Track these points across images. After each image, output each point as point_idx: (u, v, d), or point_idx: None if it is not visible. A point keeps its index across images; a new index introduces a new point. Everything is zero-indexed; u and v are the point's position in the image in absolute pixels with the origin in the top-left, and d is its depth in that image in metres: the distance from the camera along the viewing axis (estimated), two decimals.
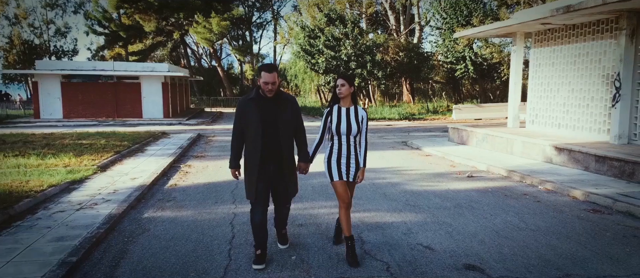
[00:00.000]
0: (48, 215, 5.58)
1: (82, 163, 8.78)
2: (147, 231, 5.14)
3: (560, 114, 11.22)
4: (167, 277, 3.86)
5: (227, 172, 8.79)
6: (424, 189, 7.32)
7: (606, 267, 4.07)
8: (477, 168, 9.25)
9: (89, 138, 13.21)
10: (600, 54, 9.91)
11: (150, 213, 5.92)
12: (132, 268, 4.07)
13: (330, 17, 26.76)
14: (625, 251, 4.50)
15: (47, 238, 4.75)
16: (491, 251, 4.46)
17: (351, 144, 4.20)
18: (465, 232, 5.07)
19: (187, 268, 4.06)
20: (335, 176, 4.17)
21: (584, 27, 10.37)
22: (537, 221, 5.52)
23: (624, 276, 3.89)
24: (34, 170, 8.01)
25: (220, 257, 4.33)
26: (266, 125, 3.93)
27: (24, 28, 55.65)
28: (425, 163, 9.95)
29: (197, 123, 22.70)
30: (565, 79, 11.02)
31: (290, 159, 4.15)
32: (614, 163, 7.70)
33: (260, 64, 3.73)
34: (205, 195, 6.93)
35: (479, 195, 6.89)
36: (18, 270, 3.92)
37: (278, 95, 3.98)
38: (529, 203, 6.44)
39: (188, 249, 4.54)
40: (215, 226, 5.30)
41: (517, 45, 12.37)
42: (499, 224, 5.37)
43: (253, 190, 4.03)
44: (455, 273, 3.91)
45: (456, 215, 5.76)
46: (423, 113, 26.57)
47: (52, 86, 23.19)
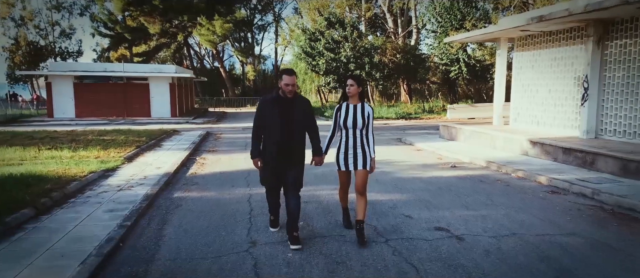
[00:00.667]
0: (95, 194, 6.71)
1: (110, 155, 9.91)
2: (180, 206, 6.27)
3: (539, 112, 12.36)
4: (203, 235, 4.99)
5: (239, 163, 9.97)
6: (411, 176, 8.45)
7: (546, 229, 5.20)
8: (461, 160, 10.37)
9: (108, 134, 14.34)
10: (573, 58, 11.04)
11: (179, 194, 7.05)
12: (174, 230, 5.20)
13: (331, 20, 27.89)
14: (566, 219, 5.63)
15: (102, 210, 5.88)
16: (457, 218, 5.59)
17: (358, 137, 4.71)
18: (440, 206, 6.20)
19: (218, 229, 5.19)
20: (342, 166, 4.81)
21: (558, 34, 11.50)
22: (502, 200, 6.64)
23: (557, 234, 5.02)
24: (69, 160, 9.14)
25: (243, 222, 5.46)
26: (283, 122, 4.49)
27: (29, 29, 56.67)
28: (416, 157, 11.08)
29: (204, 122, 23.81)
30: (543, 80, 12.15)
31: (301, 153, 4.70)
32: (577, 154, 8.83)
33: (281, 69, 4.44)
34: (223, 181, 8.05)
35: (458, 181, 8.02)
36: (87, 230, 5.04)
37: (295, 96, 4.59)
38: (499, 186, 7.57)
39: (216, 217, 5.66)
40: (235, 202, 6.43)
41: (501, 50, 13.50)
42: (469, 201, 6.50)
43: (267, 178, 4.72)
44: (427, 233, 5.04)
45: (435, 195, 6.89)
46: (419, 112, 27.66)
47: (65, 87, 24.32)
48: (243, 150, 12.10)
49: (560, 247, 4.61)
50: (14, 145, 11.15)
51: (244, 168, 9.22)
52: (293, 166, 4.65)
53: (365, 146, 4.74)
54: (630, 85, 9.60)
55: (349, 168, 4.79)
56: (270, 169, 4.67)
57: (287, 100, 4.54)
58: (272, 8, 50.85)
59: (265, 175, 4.76)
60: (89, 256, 4.22)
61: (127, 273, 3.98)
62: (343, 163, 4.78)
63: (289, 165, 4.63)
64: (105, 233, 4.89)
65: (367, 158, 4.73)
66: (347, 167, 4.78)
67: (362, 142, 4.74)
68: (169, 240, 4.86)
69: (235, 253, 4.43)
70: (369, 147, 4.74)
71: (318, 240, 4.82)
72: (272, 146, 4.57)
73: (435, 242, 4.72)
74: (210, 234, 5.02)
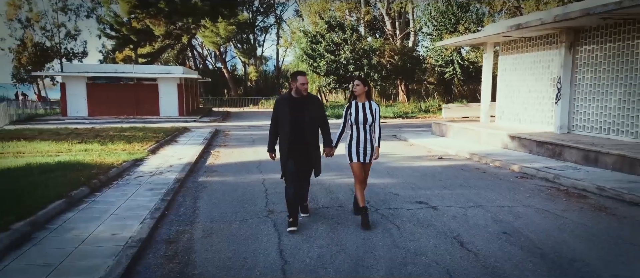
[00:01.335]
0: (133, 178, 7.94)
1: (135, 149, 11.13)
2: (206, 187, 7.49)
3: (520, 110, 13.58)
4: (230, 206, 6.22)
5: (249, 155, 11.20)
6: (402, 166, 9.68)
7: (506, 202, 6.42)
8: (448, 153, 11.60)
9: (127, 131, 15.57)
10: (549, 61, 12.27)
11: (203, 178, 8.27)
12: (205, 203, 6.42)
13: (331, 24, 29.12)
14: (525, 196, 6.86)
15: (143, 189, 7.11)
16: (436, 195, 6.82)
17: (367, 132, 5.17)
18: (423, 187, 7.42)
19: (242, 203, 6.41)
20: (353, 158, 5.21)
21: (537, 39, 12.73)
22: (477, 183, 7.87)
23: (514, 206, 6.24)
24: (101, 152, 10.36)
25: (260, 198, 6.68)
26: (295, 119, 4.99)
27: (36, 31, 57.81)
28: (408, 150, 12.31)
29: (210, 121, 25.03)
30: (524, 81, 13.38)
31: (315, 146, 5.18)
32: (548, 147, 10.06)
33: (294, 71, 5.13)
34: (239, 169, 9.28)
35: (443, 169, 9.25)
36: (136, 203, 6.27)
37: (307, 95, 5.15)
38: (477, 173, 8.80)
39: (238, 195, 6.89)
40: (252, 184, 7.66)
41: (487, 53, 14.72)
42: (448, 184, 7.73)
43: (286, 171, 5.15)
44: (409, 205, 6.26)
45: (421, 180, 8.12)
46: (416, 112, 28.88)
47: (78, 87, 25.55)
48: (251, 145, 13.34)
49: (514, 214, 5.83)
50: (46, 140, 12.38)
51: (255, 159, 10.45)
52: (306, 160, 5.15)
53: (374, 141, 5.24)
54: (597, 86, 10.83)
55: (360, 160, 5.23)
56: (285, 163, 5.12)
57: (301, 99, 5.10)
58: (274, 10, 52.16)
59: (283, 170, 5.19)
60: (145, 219, 5.44)
61: (177, 230, 5.20)
62: (355, 155, 5.20)
63: (302, 160, 5.11)
64: (152, 204, 6.12)
65: (372, 151, 5.27)
66: (358, 159, 5.21)
67: (371, 138, 5.21)
68: (203, 209, 6.08)
69: (258, 218, 5.66)
70: (375, 140, 5.22)
71: (322, 210, 6.04)
72: (286, 142, 5.06)
73: (415, 211, 5.95)
74: (236, 206, 6.25)
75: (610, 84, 10.46)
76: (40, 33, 57.24)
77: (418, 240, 4.77)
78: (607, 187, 7.04)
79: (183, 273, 3.97)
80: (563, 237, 4.92)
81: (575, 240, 4.83)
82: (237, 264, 4.15)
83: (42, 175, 7.24)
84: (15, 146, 11.15)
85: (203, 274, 3.93)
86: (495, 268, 4.05)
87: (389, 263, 4.17)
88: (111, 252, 4.32)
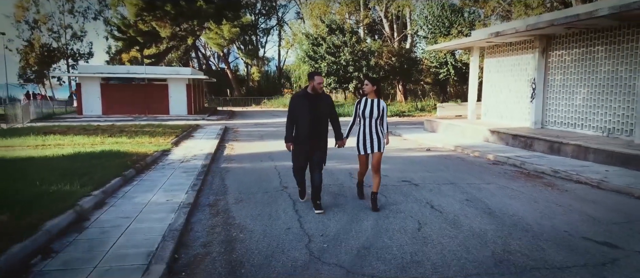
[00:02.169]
0: (166, 164, 9.45)
1: (159, 142, 12.63)
2: (229, 171, 9.01)
3: (502, 108, 15.09)
4: (252, 183, 7.72)
5: (260, 147, 12.70)
6: (394, 156, 11.19)
7: (474, 181, 7.93)
8: (435, 146, 13.11)
9: (147, 127, 17.08)
10: (526, 64, 13.78)
11: (224, 165, 9.79)
12: (231, 181, 7.93)
13: (331, 27, 30.65)
14: (492, 177, 8.37)
15: (178, 171, 8.61)
16: (418, 176, 8.33)
17: (373, 125, 5.82)
18: (409, 171, 8.94)
19: (260, 181, 7.92)
20: (361, 151, 5.94)
21: (516, 44, 14.24)
22: (455, 168, 9.38)
23: (480, 183, 7.74)
24: (130, 144, 11.85)
25: (274, 178, 8.19)
26: (311, 113, 5.60)
27: (43, 32, 59.21)
28: (401, 144, 13.82)
29: (218, 119, 26.53)
30: (505, 82, 14.89)
31: (326, 138, 5.85)
32: (521, 139, 11.57)
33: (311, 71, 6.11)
34: (253, 158, 10.79)
35: (428, 158, 10.76)
36: (176, 180, 7.77)
37: (320, 93, 5.78)
38: (457, 161, 10.31)
39: (256, 176, 8.40)
40: (267, 169, 9.16)
41: (473, 57, 16.23)
42: (431, 168, 9.24)
43: (297, 160, 5.88)
44: (396, 182, 7.77)
45: (408, 165, 9.63)
46: (412, 111, 30.40)
47: (93, 87, 27.07)
48: (260, 140, 14.85)
49: (478, 188, 7.34)
50: (78, 135, 13.88)
51: (266, 151, 11.96)
52: (318, 150, 5.76)
53: (380, 133, 5.84)
54: (565, 86, 12.34)
55: (366, 152, 5.92)
56: (300, 151, 5.76)
57: (315, 96, 5.71)
58: (276, 12, 53.72)
59: (296, 157, 5.86)
60: (187, 191, 6.94)
61: (214, 198, 6.71)
62: (362, 147, 5.91)
63: (314, 150, 5.75)
64: (189, 182, 7.62)
65: (381, 143, 5.87)
66: (365, 151, 5.91)
67: (377, 130, 5.84)
68: (230, 186, 7.60)
69: (275, 191, 7.17)
70: (383, 132, 5.91)
71: (325, 186, 7.51)
72: (303, 134, 5.65)
73: (400, 186, 7.46)
74: (256, 183, 7.76)
75: (576, 85, 11.98)
76: (47, 34, 58.74)
77: (399, 204, 6.28)
78: (560, 169, 8.56)
79: (226, 222, 5.48)
80: (511, 202, 6.44)
81: (519, 204, 6.34)
82: (265, 217, 5.66)
83: (93, 160, 8.76)
84: (54, 139, 12.65)
85: (241, 223, 5.44)
86: (453, 220, 5.56)
87: (376, 216, 5.68)
88: (170, 209, 5.83)
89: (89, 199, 5.89)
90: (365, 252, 4.44)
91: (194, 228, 5.27)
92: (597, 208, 6.16)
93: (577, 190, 7.28)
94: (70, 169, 7.67)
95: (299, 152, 5.81)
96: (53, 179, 6.72)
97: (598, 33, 11.19)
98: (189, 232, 5.10)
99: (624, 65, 10.50)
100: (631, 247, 4.60)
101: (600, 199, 6.68)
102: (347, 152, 6.65)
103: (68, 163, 8.34)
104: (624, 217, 5.72)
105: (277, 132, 17.26)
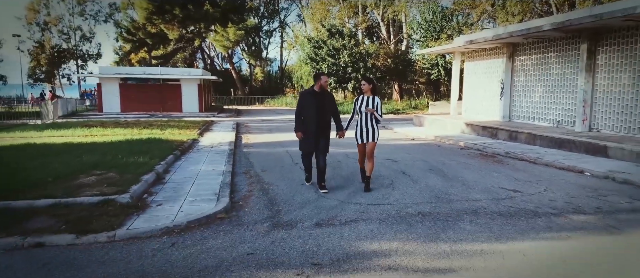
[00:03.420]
0: (201, 149, 11.84)
1: (187, 133, 15.02)
2: (250, 153, 11.41)
3: (479, 105, 17.50)
4: (270, 161, 10.11)
5: (270, 138, 15.10)
6: (384, 144, 13.56)
7: (442, 159, 10.34)
8: (419, 136, 15.51)
9: (171, 122, 19.49)
10: (497, 67, 16.19)
11: (245, 150, 12.19)
12: (255, 159, 10.32)
13: (332, 31, 33.06)
14: (456, 156, 10.77)
15: (212, 153, 11.01)
16: (399, 156, 10.74)
17: (369, 119, 6.82)
18: (393, 153, 11.34)
19: (276, 160, 10.32)
20: (359, 140, 6.94)
21: (489, 50, 16.65)
22: (430, 152, 11.78)
23: (446, 160, 10.14)
24: (164, 134, 14.23)
25: (287, 159, 10.58)
26: (317, 108, 6.61)
27: (53, 34, 61.46)
28: (391, 135, 16.23)
29: (227, 116, 28.91)
30: (481, 83, 17.30)
31: (329, 128, 6.83)
32: (488, 130, 13.98)
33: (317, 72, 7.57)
34: (267, 145, 13.19)
35: (411, 145, 13.16)
36: (213, 158, 10.15)
37: (325, 91, 6.86)
38: (434, 147, 12.71)
39: (272, 157, 10.80)
40: (280, 153, 11.56)
41: (455, 60, 18.63)
42: (411, 152, 11.65)
43: (305, 146, 6.91)
44: (382, 160, 10.15)
45: (394, 150, 12.03)
46: (407, 108, 32.79)
47: (112, 87, 29.45)
48: (270, 133, 17.24)
49: (442, 163, 9.74)
50: (114, 127, 16.27)
51: (276, 141, 14.35)
52: (322, 138, 6.79)
53: (375, 126, 6.88)
54: (527, 86, 14.75)
55: (363, 141, 6.94)
56: (308, 141, 6.78)
57: (321, 93, 6.77)
58: (278, 15, 56.15)
59: (304, 144, 6.89)
60: (225, 163, 9.33)
61: (245, 169, 9.09)
62: (360, 138, 6.96)
63: (320, 138, 6.77)
64: (223, 159, 10.02)
65: (376, 134, 6.90)
66: (362, 141, 6.94)
67: (372, 123, 6.86)
68: (255, 162, 9.99)
69: (289, 165, 9.56)
70: (377, 127, 6.92)
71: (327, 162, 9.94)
72: (312, 126, 6.70)
73: (383, 162, 9.86)
74: (273, 161, 10.15)
75: (534, 85, 14.39)
76: (57, 36, 61.05)
77: (381, 172, 8.68)
78: (511, 151, 10.97)
79: (259, 181, 7.87)
80: (462, 170, 8.84)
81: (468, 171, 8.74)
82: (285, 178, 8.06)
83: (145, 144, 11.16)
84: (97, 131, 15.05)
85: (269, 181, 7.83)
86: (415, 179, 7.96)
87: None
88: (217, 174, 8.22)
89: (159, 167, 8.31)
90: (353, 194, 6.84)
91: (237, 184, 7.69)
92: (523, 175, 8.56)
93: (516, 165, 9.69)
94: (133, 149, 10.08)
95: (306, 140, 6.84)
96: (127, 155, 9.14)
97: (550, 42, 13.59)
98: (235, 186, 7.51)
99: (569, 69, 12.91)
100: (528, 192, 7.00)
101: (529, 170, 9.08)
102: (344, 141, 8.83)
103: (128, 146, 10.76)
104: (537, 178, 8.13)
105: (283, 126, 19.64)
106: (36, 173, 7.28)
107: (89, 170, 7.57)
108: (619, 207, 6.10)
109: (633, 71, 11.05)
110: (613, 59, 11.58)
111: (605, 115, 11.93)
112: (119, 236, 4.77)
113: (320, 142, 6.83)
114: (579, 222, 5.43)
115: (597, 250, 4.54)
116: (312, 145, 6.86)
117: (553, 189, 7.19)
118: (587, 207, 6.10)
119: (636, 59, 10.97)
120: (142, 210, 5.73)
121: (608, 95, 11.80)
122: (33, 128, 16.74)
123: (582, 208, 6.02)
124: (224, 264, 4.12)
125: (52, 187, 6.39)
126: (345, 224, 5.32)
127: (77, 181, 6.79)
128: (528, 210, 5.91)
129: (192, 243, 4.67)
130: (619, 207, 6.14)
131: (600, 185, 7.50)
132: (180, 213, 5.62)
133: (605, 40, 11.70)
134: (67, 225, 4.97)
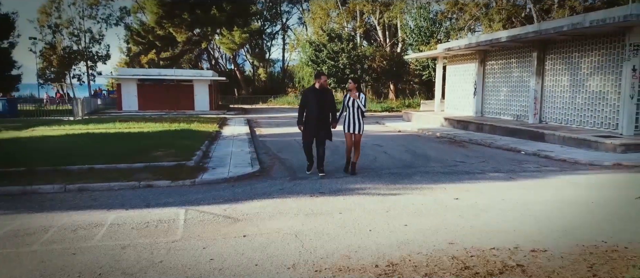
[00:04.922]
0: (225, 137, 14.65)
1: (209, 126, 17.81)
2: (265, 141, 14.23)
3: (458, 103, 20.33)
4: (282, 146, 12.94)
5: (280, 131, 17.88)
6: (374, 135, 16.41)
7: (419, 146, 13.17)
8: (405, 129, 18.32)
9: (192, 117, 22.32)
10: (472, 71, 19.02)
11: (261, 139, 15.00)
12: (270, 144, 13.15)
13: (331, 35, 35.89)
14: (431, 143, 13.59)
15: (235, 141, 13.83)
16: (385, 143, 13.56)
17: (355, 113, 8.11)
18: (380, 141, 14.16)
19: (287, 146, 13.14)
20: (346, 130, 8.25)
21: (466, 56, 19.48)
22: (411, 140, 14.60)
23: (421, 146, 12.97)
24: (193, 127, 17.02)
25: (296, 144, 13.36)
26: (318, 104, 7.83)
27: (64, 36, 64.12)
28: (382, 129, 19.05)
29: (235, 114, 31.71)
30: (459, 83, 20.13)
31: (328, 121, 8.02)
32: (462, 123, 16.81)
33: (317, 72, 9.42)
34: (278, 136, 16.01)
35: (397, 136, 15.98)
36: (238, 143, 12.97)
37: (326, 88, 8.29)
38: (414, 137, 15.53)
39: (284, 143, 13.63)
40: (289, 140, 14.37)
41: (438, 64, 21.44)
42: (396, 140, 14.47)
43: (307, 137, 8.18)
44: (370, 145, 12.98)
45: (381, 139, 14.85)
46: (400, 107, 35.61)
47: (131, 87, 32.28)
48: (278, 127, 20.07)
49: (416, 146, 12.56)
50: (145, 122, 19.07)
51: (284, 132, 17.18)
52: (322, 129, 7.97)
53: (361, 120, 8.16)
54: (495, 87, 17.58)
55: (350, 131, 8.19)
56: (309, 132, 8.04)
57: (321, 90, 7.98)
58: (280, 18, 59.00)
59: (306, 135, 8.14)
60: (248, 146, 12.15)
61: (265, 151, 11.91)
62: (347, 128, 8.23)
63: (320, 130, 7.96)
64: (246, 144, 12.83)
65: (361, 127, 8.14)
66: (349, 130, 8.18)
67: (358, 117, 8.11)
68: (271, 146, 12.81)
69: (298, 149, 12.29)
70: (362, 121, 8.19)
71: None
72: (312, 119, 7.94)
73: (371, 146, 12.68)
74: (285, 146, 12.97)
75: (500, 85, 17.22)
76: (68, 38, 63.73)
77: (367, 152, 11.49)
78: (474, 139, 13.80)
79: (277, 158, 10.68)
80: (430, 151, 11.66)
81: (434, 151, 11.56)
82: (296, 156, 10.88)
83: (181, 133, 13.97)
84: (132, 125, 17.85)
85: (285, 157, 10.64)
86: (392, 155, 10.78)
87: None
88: (245, 153, 11.04)
89: (203, 146, 11.15)
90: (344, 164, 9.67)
91: (262, 159, 10.51)
92: (474, 153, 11.37)
93: (474, 147, 12.52)
94: (176, 136, 12.92)
95: (308, 132, 8.04)
96: (173, 140, 11.96)
97: (511, 50, 16.42)
98: (260, 159, 10.33)
99: (526, 72, 15.75)
100: (470, 162, 9.80)
101: (481, 151, 11.90)
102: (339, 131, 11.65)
103: (170, 134, 13.59)
104: (483, 156, 10.94)
105: (288, 122, 22.43)
106: (118, 150, 10.12)
107: (154, 149, 10.40)
108: (526, 169, 8.95)
109: (570, 75, 13.89)
110: (557, 65, 14.42)
111: (551, 110, 14.77)
112: (197, 182, 7.60)
113: (320, 133, 7.96)
114: (492, 176, 8.27)
115: (492, 185, 7.37)
116: (312, 136, 8.01)
117: (490, 162, 10.03)
118: (503, 169, 8.95)
119: (572, 65, 13.80)
120: (204, 171, 8.56)
121: (553, 94, 14.64)
122: (74, 123, 19.55)
123: (500, 170, 8.86)
124: (267, 193, 6.95)
125: (139, 157, 9.22)
126: (340, 178, 8.15)
127: (152, 154, 9.63)
128: (463, 171, 8.75)
129: (245, 186, 7.51)
130: (527, 168, 8.98)
131: (526, 159, 10.34)
132: (230, 172, 8.45)
133: (551, 50, 14.53)
134: (162, 176, 7.80)
